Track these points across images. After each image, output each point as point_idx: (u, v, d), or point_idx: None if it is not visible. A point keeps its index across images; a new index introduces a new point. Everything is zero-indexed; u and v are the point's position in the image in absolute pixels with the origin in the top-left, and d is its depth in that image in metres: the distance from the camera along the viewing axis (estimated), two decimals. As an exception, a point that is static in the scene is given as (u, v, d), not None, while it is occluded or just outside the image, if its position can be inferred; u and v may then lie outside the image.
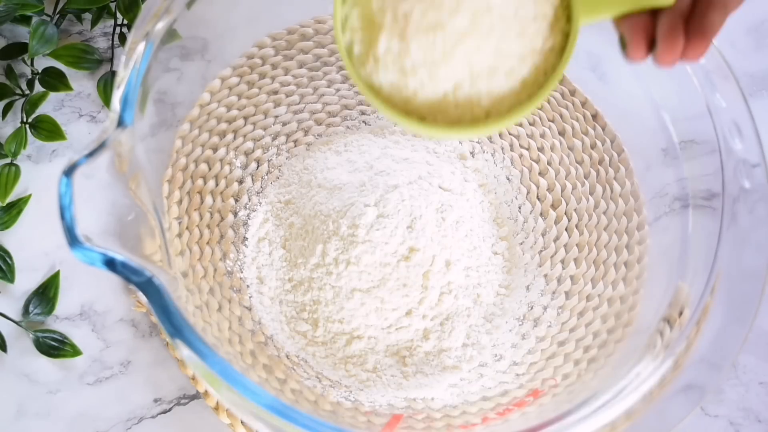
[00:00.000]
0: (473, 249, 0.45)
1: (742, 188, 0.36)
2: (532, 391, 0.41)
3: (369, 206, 0.43)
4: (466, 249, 0.44)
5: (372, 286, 0.42)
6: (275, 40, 0.49)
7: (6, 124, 0.50)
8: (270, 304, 0.44)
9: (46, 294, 0.45)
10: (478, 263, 0.45)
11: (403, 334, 0.43)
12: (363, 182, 0.44)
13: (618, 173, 0.46)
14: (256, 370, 0.41)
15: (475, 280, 0.44)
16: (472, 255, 0.45)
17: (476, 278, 0.45)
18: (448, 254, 0.43)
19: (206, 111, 0.47)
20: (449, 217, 0.44)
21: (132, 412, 0.44)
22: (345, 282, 0.42)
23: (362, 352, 0.43)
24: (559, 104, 0.48)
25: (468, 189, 0.47)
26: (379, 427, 0.39)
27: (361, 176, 0.45)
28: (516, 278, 0.46)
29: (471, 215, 0.46)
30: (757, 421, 0.45)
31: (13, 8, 0.48)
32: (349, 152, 0.47)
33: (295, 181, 0.47)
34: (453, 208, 0.44)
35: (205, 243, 0.44)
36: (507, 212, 0.48)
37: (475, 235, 0.45)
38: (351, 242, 0.42)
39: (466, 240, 0.44)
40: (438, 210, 0.44)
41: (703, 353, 0.34)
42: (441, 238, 0.43)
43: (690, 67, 0.39)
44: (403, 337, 0.43)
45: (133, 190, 0.33)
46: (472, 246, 0.45)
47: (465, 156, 0.49)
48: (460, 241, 0.44)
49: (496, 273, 0.46)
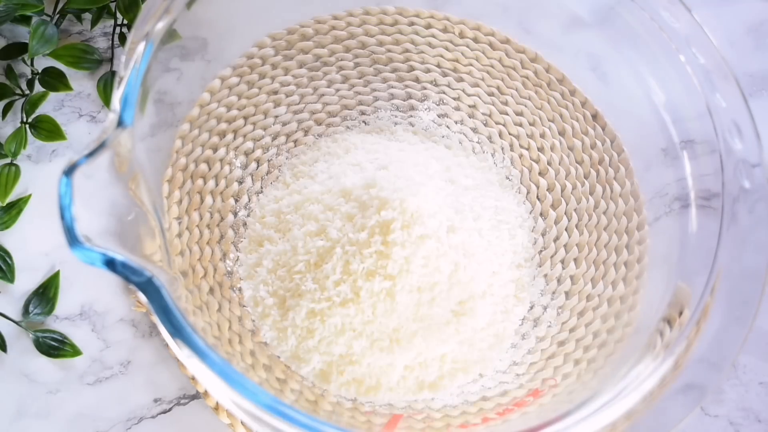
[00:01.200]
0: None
1: (742, 188, 0.36)
2: (532, 391, 0.41)
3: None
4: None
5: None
6: (275, 40, 0.49)
7: (6, 124, 0.50)
8: (270, 304, 0.44)
9: (46, 294, 0.45)
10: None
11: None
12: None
13: (618, 173, 0.46)
14: (256, 370, 0.41)
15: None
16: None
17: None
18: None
19: (206, 111, 0.47)
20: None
21: (132, 412, 0.44)
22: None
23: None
24: (559, 104, 0.48)
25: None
26: (379, 427, 0.39)
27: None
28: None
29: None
30: (757, 421, 0.45)
31: (13, 8, 0.48)
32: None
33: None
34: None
35: (205, 243, 0.44)
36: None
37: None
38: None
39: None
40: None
41: (703, 353, 0.34)
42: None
43: (690, 67, 0.39)
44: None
45: (133, 190, 0.33)
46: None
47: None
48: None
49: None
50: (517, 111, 0.49)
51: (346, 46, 0.50)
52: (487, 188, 0.47)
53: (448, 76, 0.50)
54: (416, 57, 0.50)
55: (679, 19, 0.40)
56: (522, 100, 0.49)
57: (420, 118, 0.50)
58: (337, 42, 0.50)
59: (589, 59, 0.47)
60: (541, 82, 0.49)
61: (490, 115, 0.49)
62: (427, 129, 0.50)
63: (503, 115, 0.49)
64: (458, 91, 0.50)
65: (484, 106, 0.49)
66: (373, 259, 0.39)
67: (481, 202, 0.45)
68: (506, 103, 0.49)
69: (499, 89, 0.49)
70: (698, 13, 0.39)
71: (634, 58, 0.42)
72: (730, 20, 0.56)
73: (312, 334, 0.40)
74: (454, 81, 0.50)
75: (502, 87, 0.49)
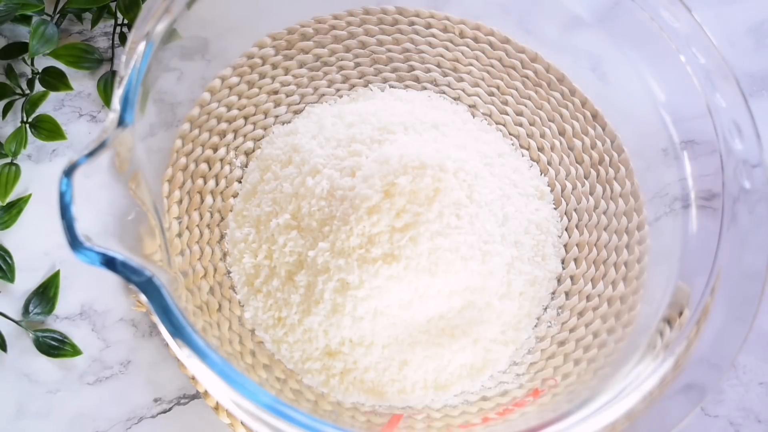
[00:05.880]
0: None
1: (742, 188, 0.36)
2: (532, 391, 0.41)
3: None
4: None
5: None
6: (275, 40, 0.49)
7: (6, 124, 0.50)
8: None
9: (46, 294, 0.45)
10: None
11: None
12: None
13: (618, 173, 0.46)
14: (256, 370, 0.41)
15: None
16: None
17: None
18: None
19: (206, 111, 0.47)
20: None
21: (132, 412, 0.44)
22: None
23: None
24: (559, 104, 0.48)
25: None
26: (379, 427, 0.39)
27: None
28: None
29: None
30: (757, 421, 0.45)
31: (13, 8, 0.48)
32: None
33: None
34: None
35: (205, 243, 0.44)
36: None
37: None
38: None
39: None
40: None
41: (703, 353, 0.34)
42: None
43: (690, 67, 0.39)
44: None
45: (133, 190, 0.33)
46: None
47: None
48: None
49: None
50: (517, 111, 0.49)
51: (346, 45, 0.50)
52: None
53: (448, 75, 0.50)
54: (416, 57, 0.50)
55: (679, 19, 0.40)
56: (522, 100, 0.49)
57: (420, 118, 0.50)
58: (338, 42, 0.50)
59: (589, 59, 0.47)
60: (541, 82, 0.49)
61: (490, 115, 0.49)
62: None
63: (503, 115, 0.49)
64: (458, 91, 0.50)
65: (484, 106, 0.49)
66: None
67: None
68: (506, 103, 0.49)
69: (499, 89, 0.49)
70: (698, 13, 0.39)
71: (634, 58, 0.42)
72: (730, 20, 0.56)
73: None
74: (454, 81, 0.50)
75: (502, 87, 0.49)
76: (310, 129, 0.45)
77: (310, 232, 0.41)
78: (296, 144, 0.44)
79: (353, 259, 0.39)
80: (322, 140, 0.44)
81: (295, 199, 0.42)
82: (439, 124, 0.45)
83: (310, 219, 0.41)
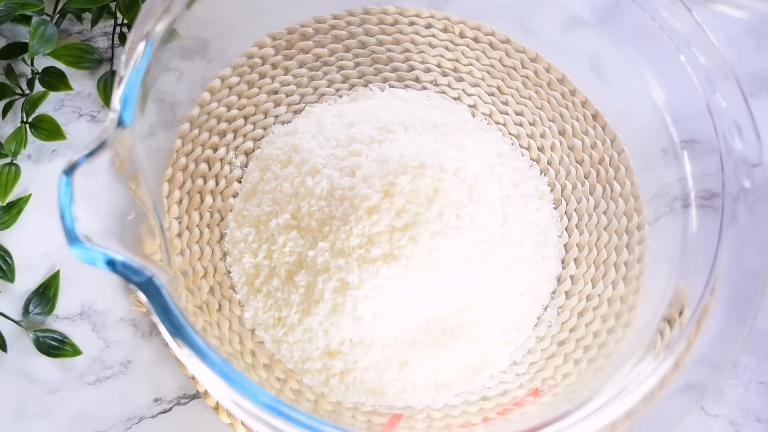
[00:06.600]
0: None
1: (743, 188, 0.36)
2: (533, 391, 0.41)
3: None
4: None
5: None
6: (275, 40, 0.49)
7: (6, 124, 0.50)
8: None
9: (46, 294, 0.45)
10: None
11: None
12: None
13: (618, 173, 0.46)
14: (256, 370, 0.41)
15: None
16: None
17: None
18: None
19: (206, 110, 0.47)
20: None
21: (132, 412, 0.44)
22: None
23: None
24: (559, 104, 0.48)
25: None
26: (379, 427, 0.39)
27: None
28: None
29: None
30: (757, 421, 0.45)
31: (13, 8, 0.48)
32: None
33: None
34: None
35: (205, 243, 0.44)
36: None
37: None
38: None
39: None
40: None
41: (703, 353, 0.34)
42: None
43: (690, 67, 0.39)
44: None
45: (133, 190, 0.33)
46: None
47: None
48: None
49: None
50: (517, 111, 0.49)
51: (346, 45, 0.50)
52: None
53: (448, 75, 0.50)
54: (416, 57, 0.50)
55: (679, 19, 0.40)
56: (522, 100, 0.49)
57: (420, 117, 0.50)
58: (337, 42, 0.50)
59: (589, 59, 0.47)
60: (541, 82, 0.49)
61: (490, 115, 0.49)
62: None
63: (503, 114, 0.49)
64: (458, 90, 0.50)
65: (485, 106, 0.49)
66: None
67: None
68: (506, 102, 0.49)
69: (499, 89, 0.49)
70: (698, 13, 0.39)
71: (634, 58, 0.42)
72: (730, 20, 0.56)
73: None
74: (455, 81, 0.50)
75: (503, 87, 0.49)
76: (310, 129, 0.45)
77: (310, 232, 0.41)
78: (296, 144, 0.44)
79: (353, 259, 0.39)
80: (322, 140, 0.44)
81: (295, 199, 0.42)
82: (439, 123, 0.45)
83: (310, 219, 0.41)
